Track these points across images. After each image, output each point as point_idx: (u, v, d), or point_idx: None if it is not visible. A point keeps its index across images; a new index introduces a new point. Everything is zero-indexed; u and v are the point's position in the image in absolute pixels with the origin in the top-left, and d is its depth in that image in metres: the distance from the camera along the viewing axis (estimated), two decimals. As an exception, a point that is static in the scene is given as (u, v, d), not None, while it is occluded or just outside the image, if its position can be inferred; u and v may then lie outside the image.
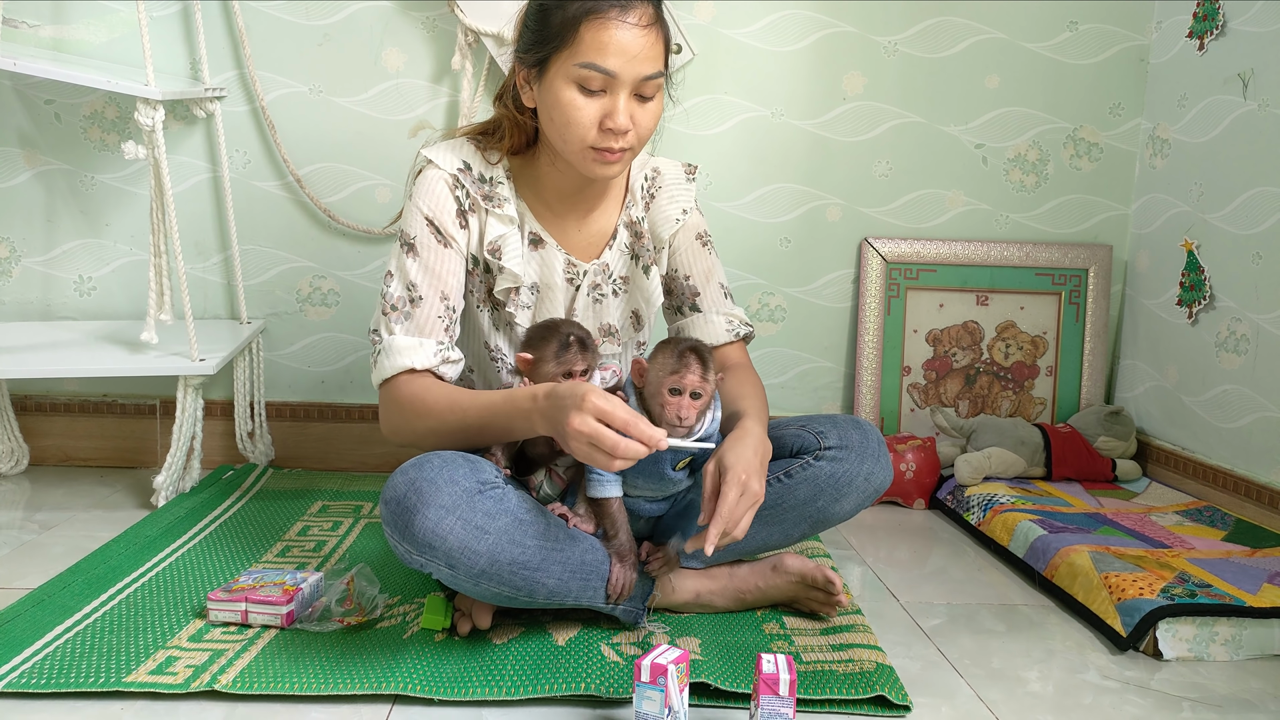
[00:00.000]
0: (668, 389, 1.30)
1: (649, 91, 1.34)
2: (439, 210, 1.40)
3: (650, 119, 1.36)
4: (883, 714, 1.23)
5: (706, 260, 1.57)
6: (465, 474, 1.24)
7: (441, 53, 2.12)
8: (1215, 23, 2.03)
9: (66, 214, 2.14)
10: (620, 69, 1.30)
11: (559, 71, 1.33)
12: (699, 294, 1.56)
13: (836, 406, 2.30)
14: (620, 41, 1.29)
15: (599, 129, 1.32)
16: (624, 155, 1.36)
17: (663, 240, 1.54)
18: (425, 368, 1.36)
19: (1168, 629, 1.42)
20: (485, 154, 1.45)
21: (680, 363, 1.29)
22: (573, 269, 1.49)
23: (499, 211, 1.42)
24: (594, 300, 1.51)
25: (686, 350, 1.30)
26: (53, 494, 1.98)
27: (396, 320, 1.37)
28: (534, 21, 1.36)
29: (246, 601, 1.38)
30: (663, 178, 1.55)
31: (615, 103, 1.31)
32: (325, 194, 2.15)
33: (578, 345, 1.36)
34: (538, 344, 1.38)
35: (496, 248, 1.42)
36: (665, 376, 1.30)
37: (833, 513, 1.45)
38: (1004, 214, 2.28)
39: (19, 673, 1.23)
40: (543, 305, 1.48)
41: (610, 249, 1.51)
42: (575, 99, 1.32)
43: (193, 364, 1.84)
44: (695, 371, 1.29)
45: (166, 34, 2.08)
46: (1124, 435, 2.16)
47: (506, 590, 1.27)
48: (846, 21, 2.18)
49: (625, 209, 1.53)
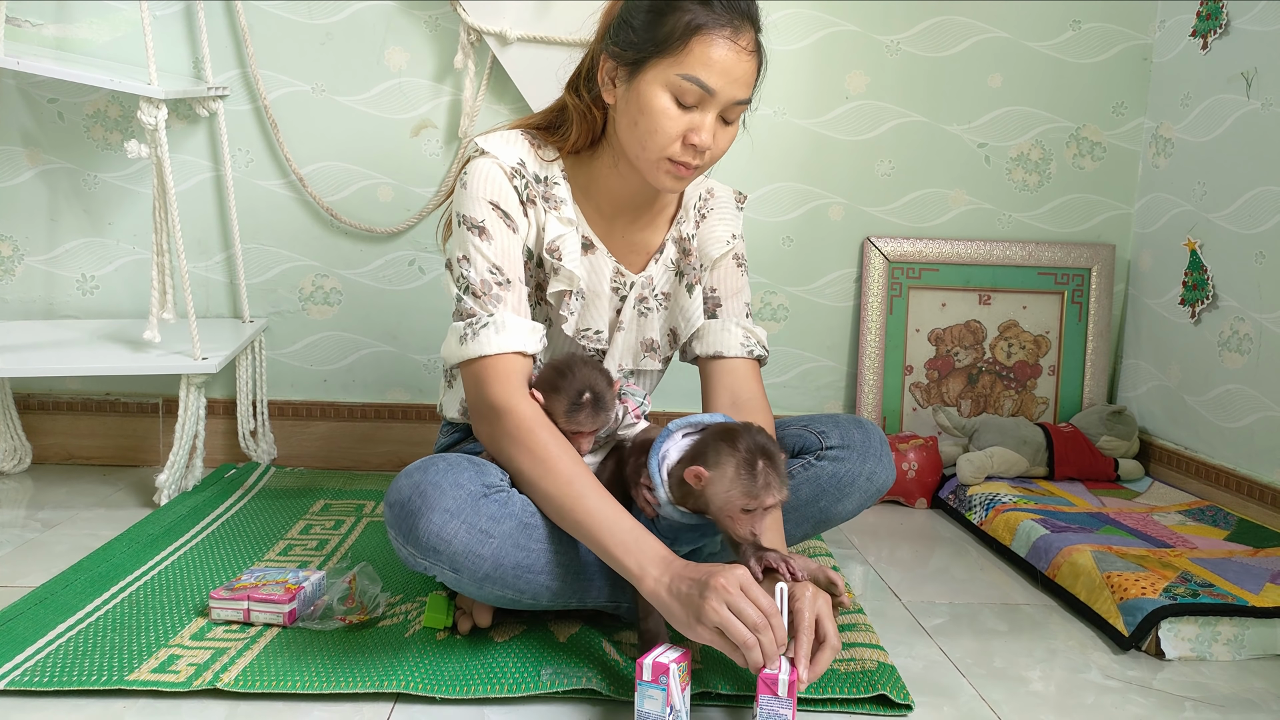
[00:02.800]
0: (741, 508, 1.17)
1: (734, 116, 1.32)
2: (501, 196, 1.35)
3: (727, 142, 1.34)
4: (884, 713, 1.23)
5: (738, 280, 1.53)
6: (470, 477, 1.23)
7: (444, 52, 2.12)
8: (1219, 22, 2.03)
9: (69, 213, 2.14)
10: (720, 88, 1.28)
11: (656, 77, 1.28)
12: (720, 305, 1.51)
13: (839, 406, 2.30)
14: (726, 61, 1.27)
15: (683, 143, 1.30)
16: (695, 172, 1.33)
17: (710, 260, 1.49)
18: (534, 353, 1.33)
19: (1170, 629, 1.42)
20: (540, 151, 1.40)
21: (756, 483, 1.16)
22: (620, 278, 1.45)
23: (557, 213, 1.39)
24: (639, 314, 1.47)
25: (759, 462, 1.17)
26: (55, 492, 1.99)
27: (491, 302, 1.31)
28: (641, 21, 1.31)
29: (249, 600, 1.38)
30: (716, 199, 1.53)
31: (704, 120, 1.29)
32: (327, 193, 2.15)
33: (590, 407, 1.28)
34: (549, 392, 1.30)
35: (555, 248, 1.38)
36: (739, 496, 1.16)
37: (835, 513, 1.45)
38: (1006, 213, 2.28)
39: (21, 671, 1.23)
40: (588, 311, 1.44)
41: (655, 262, 1.48)
42: (668, 108, 1.28)
43: (195, 363, 1.84)
44: (774, 490, 1.17)
45: (169, 33, 2.08)
46: (1126, 435, 2.16)
47: (511, 594, 1.26)
48: (848, 20, 2.18)
49: (676, 224, 1.49)
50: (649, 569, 1.16)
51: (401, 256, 2.18)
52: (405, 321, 2.20)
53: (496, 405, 1.28)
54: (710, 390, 1.49)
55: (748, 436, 1.18)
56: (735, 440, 1.18)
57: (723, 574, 1.11)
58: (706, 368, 1.50)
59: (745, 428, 1.21)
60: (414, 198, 2.17)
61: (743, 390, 1.47)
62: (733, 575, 1.11)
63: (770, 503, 1.18)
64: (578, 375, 1.30)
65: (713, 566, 1.13)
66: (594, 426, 1.31)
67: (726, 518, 1.18)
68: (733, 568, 1.12)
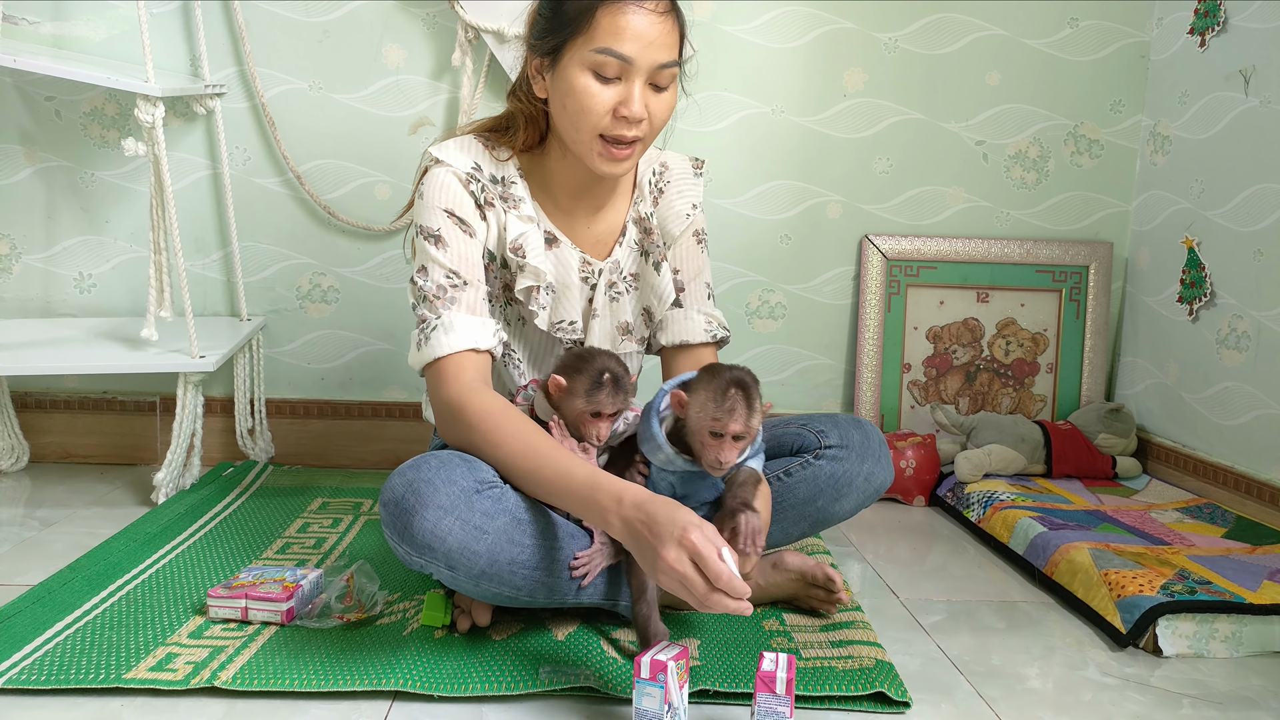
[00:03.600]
0: (709, 431, 1.21)
1: (664, 81, 1.32)
2: (456, 203, 1.37)
3: (664, 109, 1.34)
4: (882, 711, 1.23)
5: (699, 259, 1.55)
6: (463, 474, 1.23)
7: (442, 49, 2.12)
8: (1216, 19, 2.03)
9: (67, 211, 2.14)
10: (637, 55, 1.28)
11: (573, 58, 1.30)
12: (683, 289, 1.53)
13: (837, 404, 2.30)
14: (637, 27, 1.27)
15: (613, 116, 1.30)
16: (634, 148, 1.34)
17: (673, 236, 1.51)
18: (487, 348, 1.34)
19: (1167, 626, 1.42)
20: (494, 152, 1.42)
21: (724, 406, 1.20)
22: (588, 267, 1.47)
23: (516, 211, 1.40)
24: (611, 299, 1.49)
25: (732, 390, 1.21)
26: (53, 491, 1.99)
27: (444, 305, 1.34)
28: (548, 9, 1.33)
29: (246, 598, 1.38)
30: (671, 172, 1.53)
31: (630, 90, 1.29)
32: (325, 191, 2.15)
33: (610, 386, 1.32)
34: (571, 374, 1.34)
35: (519, 246, 1.39)
36: (707, 419, 1.21)
37: (833, 512, 1.45)
38: (1004, 211, 2.28)
39: (19, 669, 1.23)
40: (560, 304, 1.46)
41: (620, 245, 1.50)
42: (590, 85, 1.29)
43: (193, 361, 1.84)
44: (740, 417, 1.20)
45: (166, 30, 2.08)
46: (1124, 432, 2.16)
47: (508, 590, 1.26)
48: (846, 18, 2.18)
49: (634, 204, 1.51)
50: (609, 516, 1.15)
51: (399, 254, 2.18)
52: (403, 319, 2.20)
53: (450, 403, 1.30)
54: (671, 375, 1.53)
55: (729, 370, 1.24)
56: (717, 371, 1.24)
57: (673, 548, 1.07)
58: (671, 356, 1.54)
59: (731, 366, 1.25)
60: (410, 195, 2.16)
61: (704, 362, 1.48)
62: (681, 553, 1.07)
63: (735, 428, 1.20)
64: (597, 359, 1.34)
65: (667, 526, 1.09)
66: (613, 407, 1.33)
67: (699, 444, 1.23)
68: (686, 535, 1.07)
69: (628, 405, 1.37)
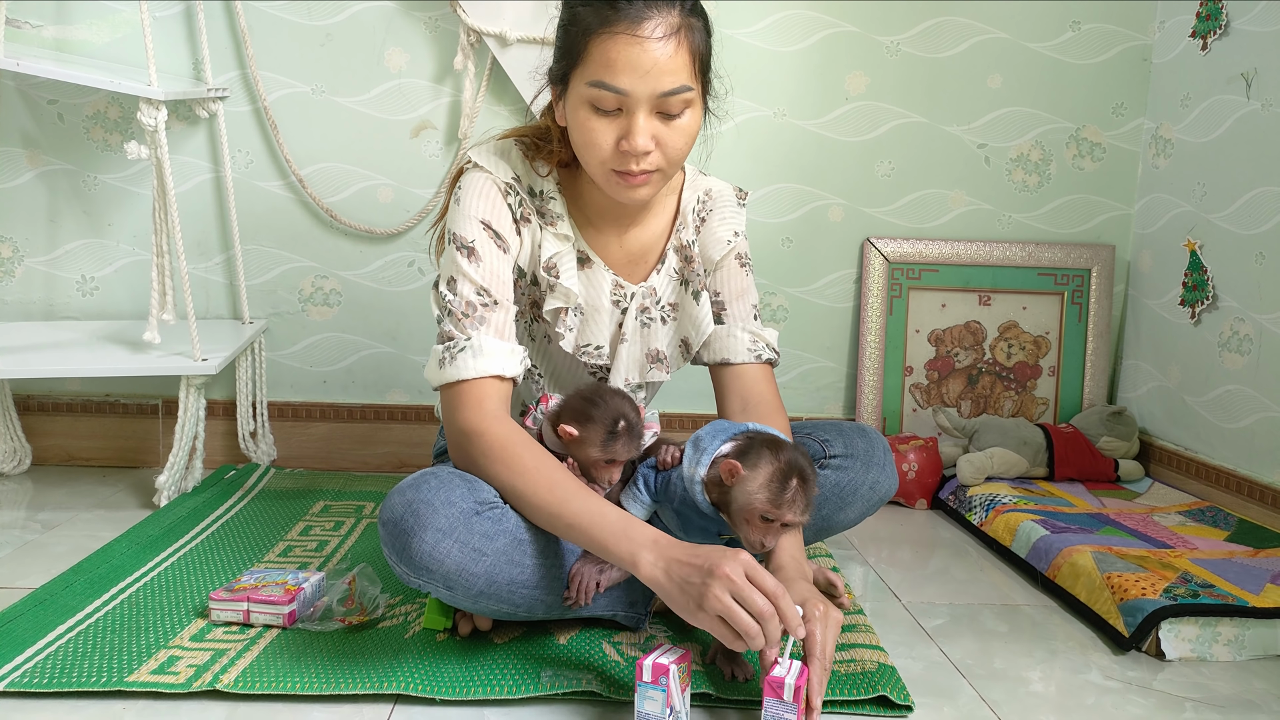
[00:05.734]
0: (760, 515, 1.17)
1: (674, 108, 1.22)
2: (494, 215, 1.32)
3: (679, 138, 1.24)
4: (885, 714, 1.23)
5: (742, 280, 1.49)
6: (462, 494, 1.21)
7: (444, 53, 2.12)
8: (1218, 22, 2.03)
9: (69, 214, 2.14)
10: (631, 86, 1.19)
11: (576, 90, 1.24)
12: (725, 309, 1.48)
13: (838, 407, 2.30)
14: (630, 57, 1.18)
15: (615, 150, 1.23)
16: (651, 178, 1.26)
17: (713, 263, 1.46)
18: (512, 375, 1.29)
19: (1170, 629, 1.42)
20: (534, 164, 1.36)
21: (783, 495, 1.16)
22: (620, 291, 1.41)
23: (553, 229, 1.35)
24: (642, 325, 1.44)
25: (793, 479, 1.16)
26: (55, 494, 1.99)
27: (473, 325, 1.28)
28: (558, 35, 1.28)
29: (248, 601, 1.38)
30: (714, 200, 1.47)
31: (632, 123, 1.21)
32: (327, 194, 2.15)
33: (625, 436, 1.26)
34: (583, 422, 1.27)
35: (553, 265, 1.34)
36: (763, 503, 1.16)
37: (837, 521, 1.45)
38: (1006, 214, 2.28)
39: (21, 672, 1.23)
40: (588, 327, 1.40)
41: (658, 273, 1.44)
42: (590, 119, 1.23)
43: (195, 364, 1.84)
44: (797, 510, 1.17)
45: (169, 34, 2.08)
46: (1126, 435, 2.16)
47: (506, 607, 1.26)
48: (848, 21, 2.18)
49: (675, 232, 1.45)
50: (642, 553, 1.13)
51: (401, 258, 2.18)
52: (405, 322, 2.20)
53: (467, 430, 1.26)
54: (722, 395, 1.48)
55: (792, 453, 1.19)
56: (779, 451, 1.19)
57: (727, 561, 1.07)
58: (716, 374, 1.49)
59: (795, 446, 1.21)
60: (414, 199, 2.17)
61: (752, 394, 1.45)
62: (737, 562, 1.07)
63: (790, 519, 1.17)
64: (609, 404, 1.28)
65: (712, 551, 1.09)
66: (628, 455, 1.28)
67: (744, 520, 1.19)
68: (736, 553, 1.09)
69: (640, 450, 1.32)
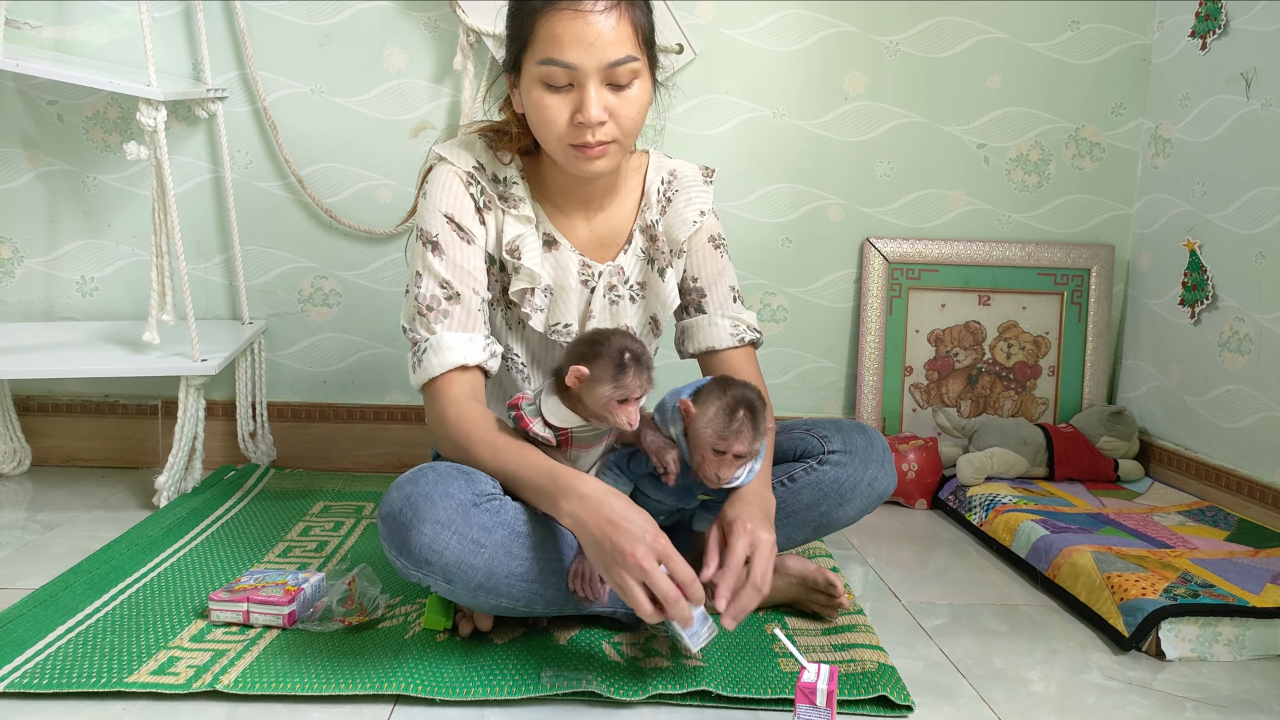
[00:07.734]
0: (712, 447, 1.22)
1: (622, 79, 1.28)
2: (456, 207, 1.38)
3: (631, 108, 1.30)
4: (885, 714, 1.23)
5: (717, 263, 1.53)
6: (461, 487, 1.22)
7: (443, 53, 2.12)
8: (1218, 22, 2.03)
9: (69, 214, 2.14)
10: (579, 59, 1.25)
11: (528, 73, 1.30)
12: (705, 295, 1.52)
13: (838, 407, 2.30)
14: (575, 31, 1.24)
15: (572, 124, 1.29)
16: (608, 149, 1.31)
17: (678, 243, 1.49)
18: (476, 363, 1.34)
19: (1170, 629, 1.42)
20: (498, 153, 1.42)
21: (730, 426, 1.21)
22: (587, 270, 1.46)
23: (515, 212, 1.40)
24: (610, 302, 1.48)
25: (739, 410, 1.21)
26: (55, 494, 1.99)
27: (436, 319, 1.34)
28: (507, 24, 1.35)
29: (248, 602, 1.38)
30: (679, 180, 1.51)
31: (584, 95, 1.27)
32: (327, 194, 2.15)
33: (635, 366, 1.21)
34: (590, 360, 1.22)
35: (515, 248, 1.40)
36: (712, 435, 1.22)
37: (836, 518, 1.45)
38: (1006, 214, 2.28)
39: (21, 673, 1.23)
40: (556, 307, 1.45)
41: (625, 253, 1.48)
42: (544, 98, 1.29)
43: (194, 364, 1.84)
44: (745, 439, 1.21)
45: (168, 35, 2.08)
46: (1126, 435, 2.16)
47: (506, 602, 1.26)
48: (847, 21, 2.18)
49: (641, 212, 1.49)
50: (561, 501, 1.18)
51: (401, 258, 2.18)
52: (405, 323, 2.20)
53: (436, 419, 1.34)
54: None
55: (738, 388, 1.25)
56: (726, 387, 1.25)
57: (639, 545, 1.11)
58: (704, 362, 1.54)
59: (741, 383, 1.26)
60: (413, 199, 2.16)
61: (735, 367, 1.51)
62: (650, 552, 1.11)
63: (738, 449, 1.22)
64: (611, 340, 1.23)
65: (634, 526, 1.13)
66: (641, 389, 1.22)
67: (701, 458, 1.24)
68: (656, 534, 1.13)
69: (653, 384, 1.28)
